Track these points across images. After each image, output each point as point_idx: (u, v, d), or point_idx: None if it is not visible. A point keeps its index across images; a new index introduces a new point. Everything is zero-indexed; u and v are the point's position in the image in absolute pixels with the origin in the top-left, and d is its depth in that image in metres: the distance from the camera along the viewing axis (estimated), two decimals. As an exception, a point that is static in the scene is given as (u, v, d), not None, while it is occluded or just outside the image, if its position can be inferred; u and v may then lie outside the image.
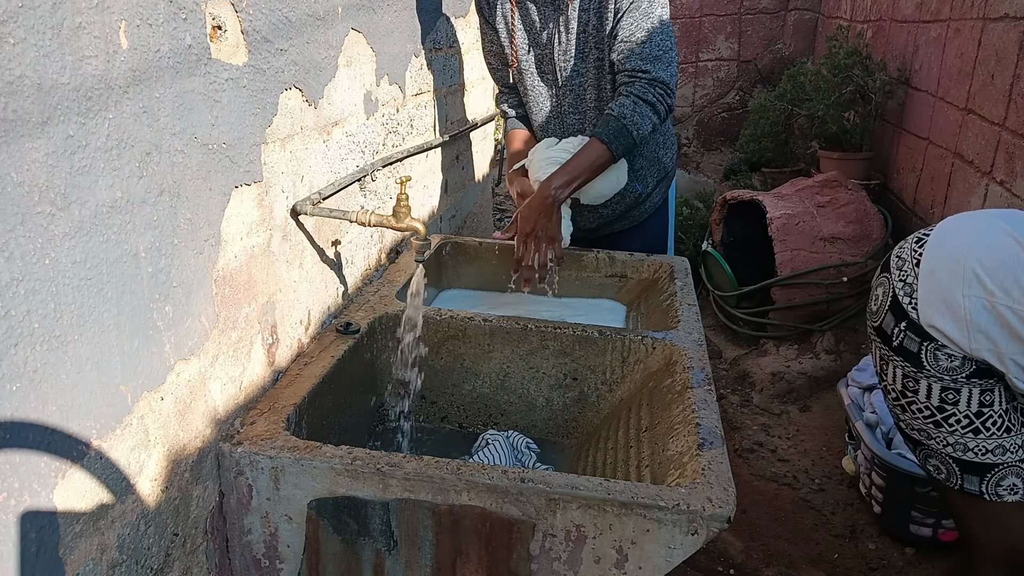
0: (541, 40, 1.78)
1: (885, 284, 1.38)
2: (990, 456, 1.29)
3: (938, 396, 1.29)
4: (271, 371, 1.25)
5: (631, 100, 1.66)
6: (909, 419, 1.36)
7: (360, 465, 1.04)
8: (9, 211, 0.69)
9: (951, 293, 1.24)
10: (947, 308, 1.24)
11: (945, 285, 1.24)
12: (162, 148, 0.91)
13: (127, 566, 0.91)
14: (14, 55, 0.69)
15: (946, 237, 1.31)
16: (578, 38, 1.73)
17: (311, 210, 1.30)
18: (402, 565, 1.10)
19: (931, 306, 1.26)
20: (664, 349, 1.44)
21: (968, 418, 1.28)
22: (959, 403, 1.28)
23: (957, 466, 1.32)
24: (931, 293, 1.27)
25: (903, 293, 1.32)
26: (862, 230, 3.20)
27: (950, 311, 1.24)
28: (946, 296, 1.24)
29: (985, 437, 1.28)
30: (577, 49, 1.74)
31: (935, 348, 1.27)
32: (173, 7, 0.91)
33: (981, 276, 1.21)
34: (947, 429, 1.31)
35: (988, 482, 1.30)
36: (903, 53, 3.70)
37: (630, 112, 1.66)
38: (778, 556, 2.14)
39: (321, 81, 1.36)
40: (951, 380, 1.27)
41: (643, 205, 1.95)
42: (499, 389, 1.57)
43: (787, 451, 2.69)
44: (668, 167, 1.95)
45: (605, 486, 1.00)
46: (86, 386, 0.81)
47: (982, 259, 1.22)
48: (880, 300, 1.38)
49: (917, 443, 1.38)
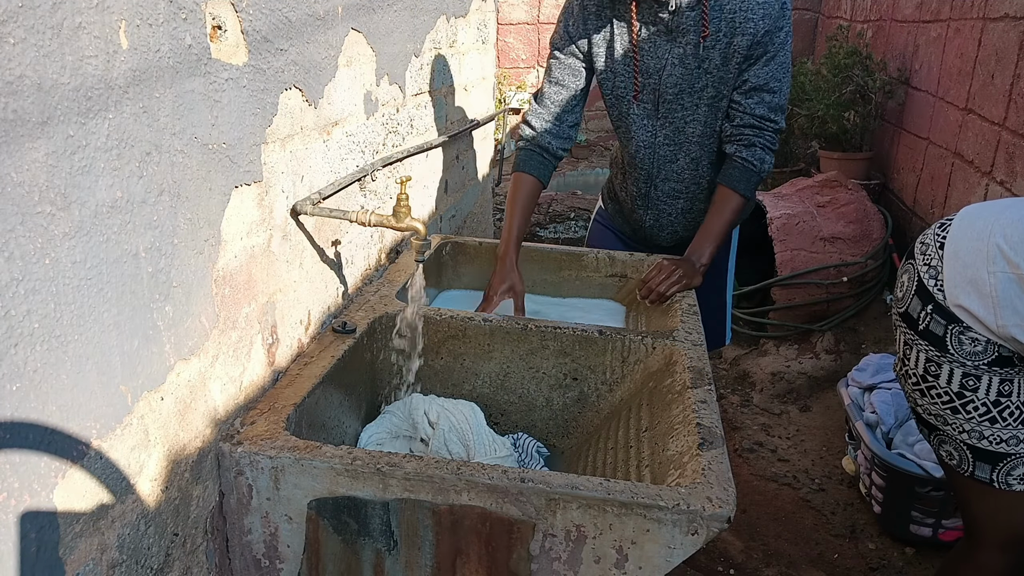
0: (649, 68, 1.70)
1: (910, 271, 1.38)
2: (1004, 446, 1.30)
3: (959, 382, 1.30)
4: (271, 371, 1.25)
5: (764, 152, 1.70)
6: (927, 404, 1.37)
7: (360, 465, 1.04)
8: (9, 211, 0.69)
9: (976, 271, 1.23)
10: (973, 287, 1.23)
11: (970, 264, 1.24)
12: (162, 148, 0.91)
13: (127, 566, 0.91)
14: (14, 55, 0.69)
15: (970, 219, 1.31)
16: (693, 73, 1.66)
17: (311, 210, 1.30)
18: (402, 565, 1.10)
19: (957, 286, 1.26)
20: (664, 349, 1.44)
21: (986, 406, 1.29)
22: (978, 390, 1.29)
23: (970, 453, 1.33)
24: (956, 273, 1.26)
25: (928, 276, 1.32)
26: (862, 230, 3.20)
27: (976, 289, 1.23)
28: (972, 275, 1.24)
29: (1001, 427, 1.29)
30: (688, 83, 1.68)
31: (960, 331, 1.27)
32: (173, 7, 0.91)
33: (1006, 250, 1.20)
34: (964, 416, 1.31)
35: (999, 471, 1.31)
36: (903, 53, 3.70)
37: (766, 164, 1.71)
38: (778, 556, 2.14)
39: (321, 81, 1.36)
40: (973, 366, 1.28)
41: None
42: (499, 389, 1.57)
43: (787, 451, 2.69)
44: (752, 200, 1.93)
45: (605, 486, 1.00)
46: (86, 386, 0.82)
47: (1007, 234, 1.21)
48: (906, 286, 1.38)
49: (932, 428, 1.39)
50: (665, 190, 1.85)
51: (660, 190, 1.85)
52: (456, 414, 1.38)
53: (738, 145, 1.70)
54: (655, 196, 1.87)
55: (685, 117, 1.73)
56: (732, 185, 1.70)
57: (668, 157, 1.80)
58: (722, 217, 1.71)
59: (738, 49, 1.62)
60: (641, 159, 1.83)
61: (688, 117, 1.73)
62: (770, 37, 1.60)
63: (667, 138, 1.78)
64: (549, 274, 1.93)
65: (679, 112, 1.73)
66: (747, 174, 1.69)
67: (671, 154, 1.79)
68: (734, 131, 1.70)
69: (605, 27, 1.71)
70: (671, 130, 1.76)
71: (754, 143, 1.69)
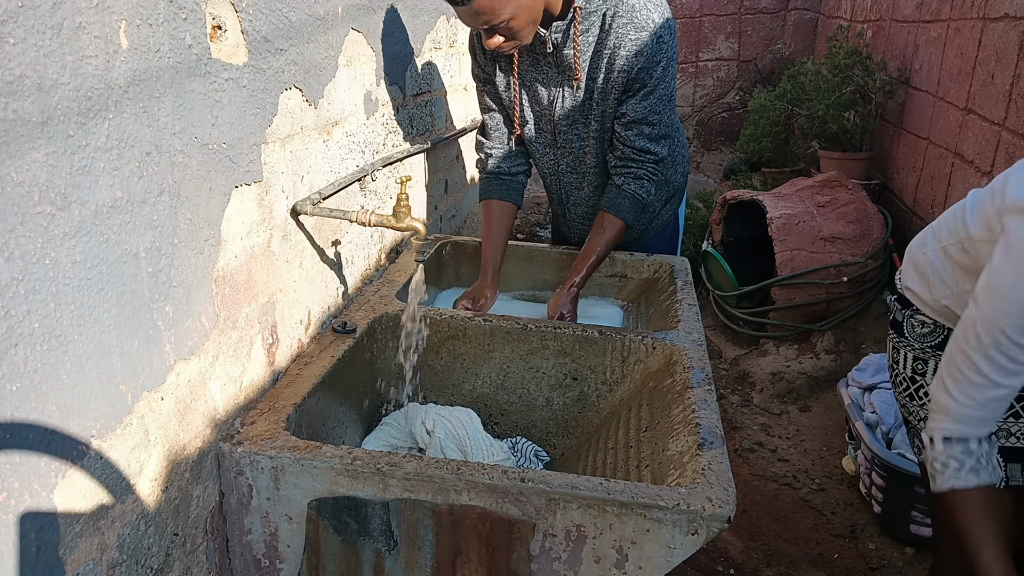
0: (542, 100, 1.71)
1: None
2: None
3: (911, 366, 1.41)
4: (271, 371, 1.25)
5: (650, 184, 1.73)
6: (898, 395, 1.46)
7: (360, 465, 1.04)
8: (9, 211, 0.69)
9: (915, 255, 1.41)
10: (915, 269, 1.40)
11: (913, 252, 1.42)
12: (162, 148, 0.91)
13: (127, 566, 0.91)
14: (14, 55, 0.69)
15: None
16: (583, 105, 1.67)
17: (311, 210, 1.30)
18: (402, 565, 1.10)
19: (905, 272, 1.44)
20: (664, 349, 1.44)
21: None
22: (926, 374, 1.38)
23: None
24: (906, 263, 1.45)
25: (896, 277, 1.48)
26: (862, 230, 3.20)
27: (916, 271, 1.40)
28: (913, 259, 1.41)
29: None
30: (581, 115, 1.69)
31: (911, 315, 1.40)
32: (173, 7, 0.91)
33: (937, 231, 1.36)
34: (918, 403, 1.39)
35: None
36: (903, 53, 3.70)
37: (651, 196, 1.75)
38: (778, 556, 2.14)
39: (321, 81, 1.36)
40: (920, 349, 1.38)
41: (651, 224, 1.95)
42: (499, 389, 1.57)
43: (787, 451, 2.69)
44: (678, 185, 1.95)
45: (605, 486, 1.00)
46: (86, 386, 0.81)
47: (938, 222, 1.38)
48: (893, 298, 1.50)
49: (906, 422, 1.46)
50: (578, 213, 1.89)
51: (574, 213, 1.90)
52: (453, 421, 1.39)
53: (626, 177, 1.71)
54: (571, 216, 1.92)
55: (582, 147, 1.75)
56: (619, 214, 1.72)
57: (573, 184, 1.84)
58: (605, 243, 1.72)
59: (615, 85, 1.61)
60: (550, 184, 1.88)
61: (584, 148, 1.75)
62: (647, 73, 1.59)
63: (569, 167, 1.80)
64: (549, 274, 1.93)
65: (576, 143, 1.75)
66: (635, 205, 1.72)
67: (576, 182, 1.83)
68: (618, 163, 1.71)
69: (500, 58, 1.71)
70: (571, 160, 1.78)
71: (640, 176, 1.70)
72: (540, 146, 1.80)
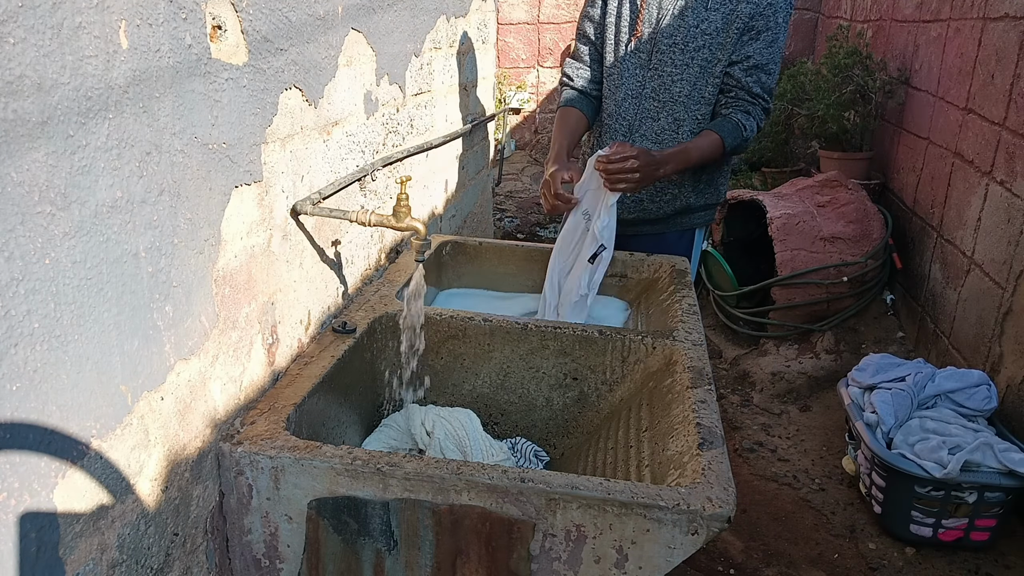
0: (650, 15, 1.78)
1: None
2: None
3: None
4: (271, 371, 1.25)
5: (755, 123, 1.78)
6: None
7: (360, 465, 1.04)
8: (9, 211, 0.69)
9: None
10: None
11: None
12: (162, 148, 0.91)
13: (127, 566, 0.91)
14: (14, 55, 0.69)
15: None
16: (689, 31, 1.72)
17: (311, 210, 1.30)
18: (402, 565, 1.10)
19: None
20: (664, 349, 1.44)
21: None
22: None
23: None
24: None
25: None
26: (862, 230, 3.20)
27: None
28: None
29: None
30: (683, 41, 1.74)
31: None
32: (173, 7, 0.91)
33: None
34: None
35: None
36: (903, 53, 3.70)
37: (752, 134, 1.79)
38: (778, 556, 2.14)
39: (321, 81, 1.36)
40: None
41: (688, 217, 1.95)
42: (499, 389, 1.57)
43: (787, 451, 2.69)
44: (720, 196, 1.98)
45: (605, 486, 1.00)
46: (86, 386, 0.81)
47: None
48: None
49: None
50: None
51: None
52: (452, 422, 1.39)
53: (735, 108, 1.77)
54: None
55: (674, 74, 1.78)
56: (721, 133, 1.76)
57: (651, 113, 1.84)
58: (699, 149, 1.76)
59: (740, 15, 1.67)
60: (625, 110, 1.88)
61: (676, 75, 1.78)
62: (772, 11, 1.66)
63: (654, 91, 1.82)
64: (549, 274, 1.93)
65: (669, 67, 1.78)
66: (737, 132, 1.76)
67: (655, 110, 1.84)
68: (730, 101, 1.77)
69: None
70: (658, 84, 1.81)
71: (749, 112, 1.77)
72: (631, 66, 1.84)
